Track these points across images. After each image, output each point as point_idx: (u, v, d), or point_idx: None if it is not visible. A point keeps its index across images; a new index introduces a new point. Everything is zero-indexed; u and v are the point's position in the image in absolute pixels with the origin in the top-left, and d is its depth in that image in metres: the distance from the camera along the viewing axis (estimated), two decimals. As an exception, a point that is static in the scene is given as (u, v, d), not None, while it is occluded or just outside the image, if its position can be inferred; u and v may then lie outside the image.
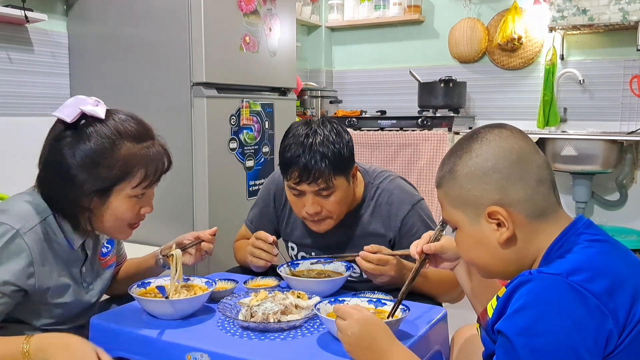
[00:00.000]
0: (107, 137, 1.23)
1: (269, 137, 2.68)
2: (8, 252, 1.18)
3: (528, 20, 3.54)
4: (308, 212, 1.50)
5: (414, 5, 3.85)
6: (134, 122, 1.29)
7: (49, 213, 1.27)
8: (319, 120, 1.53)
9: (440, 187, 1.03)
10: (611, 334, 0.81)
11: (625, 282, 0.85)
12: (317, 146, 1.44)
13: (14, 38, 2.44)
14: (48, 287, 1.26)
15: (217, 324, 1.27)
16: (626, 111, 3.34)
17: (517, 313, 0.84)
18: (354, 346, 1.04)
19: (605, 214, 3.42)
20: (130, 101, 2.46)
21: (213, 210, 2.37)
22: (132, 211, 1.29)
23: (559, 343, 0.80)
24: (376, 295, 1.40)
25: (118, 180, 1.23)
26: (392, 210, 1.58)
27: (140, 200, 1.30)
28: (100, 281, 1.44)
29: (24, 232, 1.20)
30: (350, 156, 1.50)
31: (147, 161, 1.26)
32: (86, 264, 1.37)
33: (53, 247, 1.27)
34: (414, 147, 3.28)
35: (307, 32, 4.22)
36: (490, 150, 0.97)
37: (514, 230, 0.95)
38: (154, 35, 2.40)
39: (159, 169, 1.29)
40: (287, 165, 1.48)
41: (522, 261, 0.97)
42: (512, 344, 0.82)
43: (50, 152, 1.25)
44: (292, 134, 1.50)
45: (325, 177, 1.44)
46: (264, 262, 1.55)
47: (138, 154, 1.25)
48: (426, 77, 3.64)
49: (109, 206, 1.26)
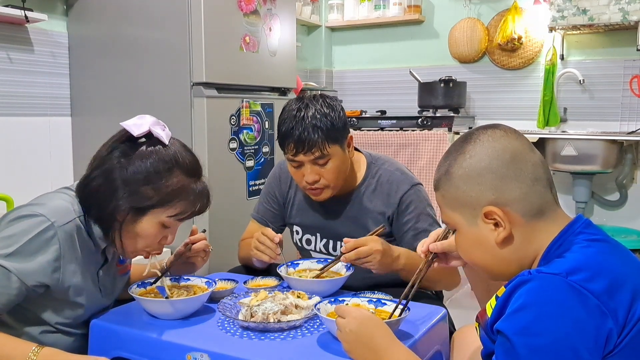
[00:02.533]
0: (165, 162, 1.25)
1: (269, 137, 2.68)
2: (39, 243, 1.20)
3: (528, 20, 3.54)
4: (307, 180, 1.56)
5: (414, 5, 3.85)
6: (191, 156, 1.31)
7: (81, 214, 1.28)
8: (310, 95, 1.61)
9: (438, 190, 1.04)
10: (611, 333, 0.81)
11: (625, 281, 0.85)
12: (310, 119, 1.51)
13: (14, 38, 2.44)
14: (69, 285, 1.26)
15: (217, 324, 1.27)
16: (626, 111, 3.34)
17: (516, 313, 0.84)
18: (353, 343, 1.04)
19: (605, 214, 3.42)
20: (130, 101, 2.46)
21: (213, 210, 2.34)
22: (156, 238, 1.30)
23: (558, 343, 0.80)
24: (376, 295, 1.40)
25: (158, 205, 1.25)
26: (392, 188, 1.63)
27: (166, 230, 1.30)
28: (116, 287, 1.45)
29: (58, 226, 1.21)
30: (342, 125, 1.57)
31: (191, 196, 1.28)
32: (104, 268, 1.38)
33: (80, 247, 1.28)
34: (414, 147, 3.28)
35: (307, 32, 4.23)
36: (483, 151, 0.97)
37: (511, 230, 0.95)
38: (154, 35, 2.40)
39: (197, 206, 1.30)
40: (283, 139, 1.56)
41: (522, 261, 0.97)
42: (512, 343, 0.82)
43: (104, 159, 1.27)
44: (286, 110, 1.58)
45: (319, 146, 1.51)
46: (268, 257, 1.56)
47: (187, 186, 1.27)
48: (426, 77, 3.64)
49: (139, 226, 1.26)
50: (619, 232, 3.17)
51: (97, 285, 1.35)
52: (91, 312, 1.35)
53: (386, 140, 3.36)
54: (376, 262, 1.43)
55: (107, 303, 1.41)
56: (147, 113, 1.42)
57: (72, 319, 1.31)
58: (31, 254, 1.19)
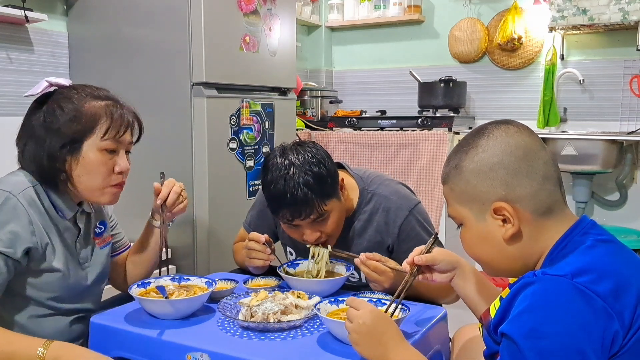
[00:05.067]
0: (70, 96, 1.31)
1: (269, 137, 2.68)
2: (6, 212, 1.23)
3: (528, 20, 3.54)
4: (308, 239, 1.49)
5: (414, 5, 3.85)
6: (95, 87, 1.37)
7: (36, 183, 1.32)
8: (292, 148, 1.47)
9: (446, 183, 1.03)
10: (617, 334, 0.81)
11: (630, 282, 0.85)
12: (301, 184, 1.40)
13: (14, 38, 2.44)
14: (46, 244, 1.29)
15: (217, 324, 1.27)
16: (626, 111, 3.34)
17: (522, 315, 0.84)
18: (363, 335, 1.03)
19: (605, 214, 3.42)
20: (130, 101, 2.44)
21: (213, 210, 2.37)
22: (107, 166, 1.32)
23: (566, 345, 0.80)
24: (376, 295, 1.40)
25: (86, 133, 1.29)
26: (390, 217, 1.55)
27: (113, 157, 1.33)
28: (97, 260, 1.46)
29: (17, 193, 1.25)
30: (333, 174, 1.47)
31: (111, 114, 1.32)
32: (80, 239, 1.40)
33: (45, 212, 1.31)
34: (414, 147, 3.28)
35: (307, 32, 4.23)
36: (496, 146, 0.96)
37: (519, 227, 0.95)
38: (154, 35, 2.40)
39: (125, 120, 1.34)
40: (275, 208, 1.46)
41: (527, 258, 0.97)
42: (519, 346, 0.82)
43: (23, 125, 1.34)
44: (270, 168, 1.45)
45: (317, 209, 1.42)
46: (262, 262, 1.55)
47: (101, 107, 1.32)
48: (426, 77, 3.64)
49: (82, 162, 1.30)
50: (619, 232, 3.17)
51: (75, 255, 1.38)
52: (76, 286, 1.38)
53: (386, 140, 3.36)
54: (382, 286, 1.39)
55: (92, 277, 1.43)
56: (147, 113, 1.43)
57: (57, 292, 1.33)
58: (3, 225, 1.22)
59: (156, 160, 2.41)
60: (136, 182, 1.70)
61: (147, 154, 2.40)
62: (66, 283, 1.35)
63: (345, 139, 3.48)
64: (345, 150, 3.46)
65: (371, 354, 1.03)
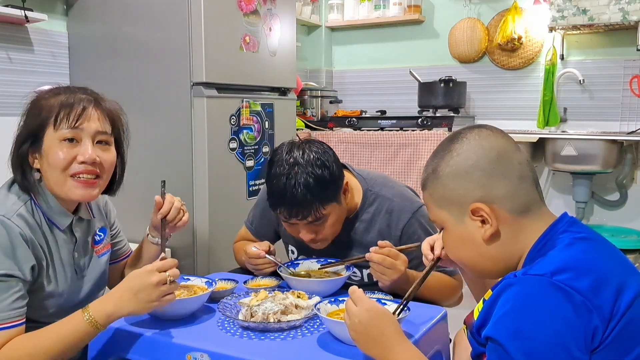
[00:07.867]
0: (38, 97, 1.34)
1: (269, 137, 2.68)
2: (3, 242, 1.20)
3: (528, 20, 3.54)
4: (304, 239, 1.51)
5: (414, 5, 3.85)
6: (77, 87, 1.37)
7: (28, 198, 1.30)
8: (300, 146, 1.47)
9: (425, 189, 1.05)
10: (596, 330, 0.82)
11: (609, 278, 0.86)
12: (300, 186, 1.39)
13: (14, 38, 2.44)
14: (45, 265, 1.28)
15: (217, 324, 1.27)
16: (626, 111, 3.34)
17: (505, 317, 0.85)
18: (359, 334, 1.04)
19: (605, 214, 3.42)
20: (130, 101, 2.45)
21: (213, 210, 2.37)
22: (69, 155, 1.28)
23: (551, 343, 0.80)
24: (376, 295, 1.40)
25: (43, 127, 1.29)
26: (392, 219, 1.55)
27: (75, 147, 1.30)
28: (95, 268, 1.45)
29: (10, 216, 1.23)
30: (337, 178, 1.46)
31: (65, 105, 1.30)
32: (77, 248, 1.39)
33: (41, 229, 1.30)
34: (414, 147, 3.28)
35: (307, 32, 4.23)
36: (470, 149, 0.98)
37: (497, 227, 0.96)
38: (154, 35, 2.40)
39: (79, 106, 1.31)
40: (274, 203, 1.47)
41: (508, 259, 0.98)
42: (505, 348, 0.82)
43: None
44: (275, 163, 1.46)
45: (315, 213, 1.43)
46: (270, 269, 1.57)
47: (58, 99, 1.31)
48: (426, 77, 3.64)
49: (45, 156, 1.29)
50: (619, 232, 3.17)
51: (73, 266, 1.37)
52: (75, 297, 1.36)
53: (386, 140, 3.36)
54: (390, 279, 1.40)
55: (89, 287, 1.41)
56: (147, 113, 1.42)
57: (55, 308, 1.32)
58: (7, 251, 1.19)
59: (156, 160, 2.41)
60: (136, 182, 1.71)
61: (147, 154, 2.40)
62: (65, 297, 1.34)
63: (345, 139, 3.48)
64: (345, 150, 3.46)
65: (370, 352, 1.03)
